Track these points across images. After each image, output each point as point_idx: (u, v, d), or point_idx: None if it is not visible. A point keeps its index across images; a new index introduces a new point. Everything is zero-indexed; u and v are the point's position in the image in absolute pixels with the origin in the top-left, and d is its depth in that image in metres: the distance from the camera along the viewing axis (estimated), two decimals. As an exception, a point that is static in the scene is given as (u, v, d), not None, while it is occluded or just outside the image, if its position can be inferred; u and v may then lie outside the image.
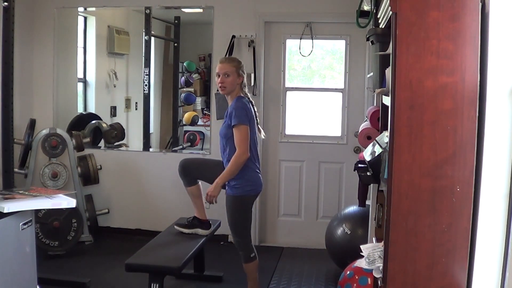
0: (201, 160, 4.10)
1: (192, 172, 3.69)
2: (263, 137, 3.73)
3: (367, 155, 2.60)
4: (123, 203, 5.19)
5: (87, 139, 5.08)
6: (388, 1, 2.06)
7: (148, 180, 5.15)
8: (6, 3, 3.09)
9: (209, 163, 3.79)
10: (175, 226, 3.81)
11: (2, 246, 2.55)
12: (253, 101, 3.58)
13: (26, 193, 2.85)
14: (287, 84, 5.03)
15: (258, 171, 3.53)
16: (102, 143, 5.44)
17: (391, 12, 1.95)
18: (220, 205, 3.58)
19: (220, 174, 3.44)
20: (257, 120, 3.57)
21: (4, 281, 2.57)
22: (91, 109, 5.68)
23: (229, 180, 3.43)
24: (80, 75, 5.55)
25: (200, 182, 3.77)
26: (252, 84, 4.82)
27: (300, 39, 4.90)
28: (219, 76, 3.46)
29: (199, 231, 3.75)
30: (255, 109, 3.57)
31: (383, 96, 2.61)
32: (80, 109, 5.62)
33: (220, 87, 3.48)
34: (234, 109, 3.38)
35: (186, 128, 5.97)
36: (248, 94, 3.58)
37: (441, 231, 1.87)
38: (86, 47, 5.56)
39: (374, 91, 3.05)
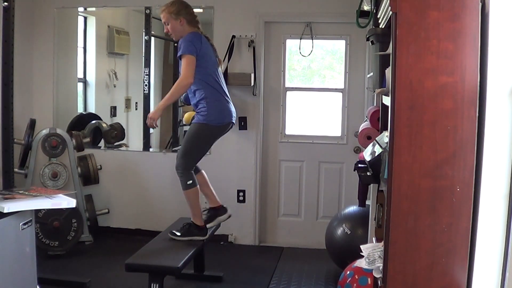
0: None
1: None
2: (222, 70, 3.72)
3: (367, 155, 2.60)
4: (123, 203, 5.19)
5: (87, 139, 5.08)
6: (388, 1, 2.06)
7: (148, 180, 5.15)
8: (6, 3, 3.09)
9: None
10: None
11: (2, 246, 2.55)
12: (208, 37, 3.66)
13: (26, 193, 2.85)
14: (287, 84, 5.03)
15: (227, 101, 3.57)
16: (102, 143, 5.44)
17: (391, 12, 1.95)
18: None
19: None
20: (215, 52, 3.64)
21: (4, 281, 2.57)
22: (91, 109, 5.68)
23: (197, 110, 3.53)
24: (80, 75, 5.54)
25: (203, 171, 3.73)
26: (252, 84, 4.82)
27: (300, 39, 4.90)
28: (164, 24, 3.58)
29: (220, 218, 3.73)
30: (212, 43, 3.66)
31: (383, 96, 2.61)
32: (80, 109, 5.62)
33: (169, 35, 3.60)
34: (182, 40, 3.47)
35: (186, 128, 5.96)
36: (201, 30, 3.63)
37: (441, 231, 1.88)
38: (86, 47, 5.56)
39: (374, 91, 3.05)
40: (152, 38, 5.39)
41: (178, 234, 3.62)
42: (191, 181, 3.53)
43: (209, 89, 3.51)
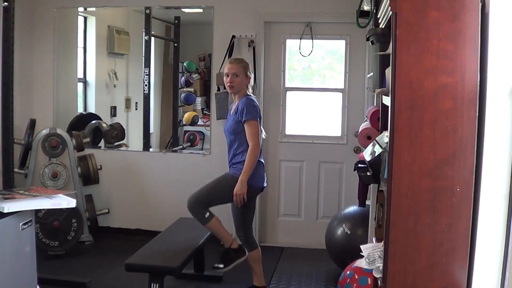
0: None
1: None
2: (264, 137, 3.75)
3: (367, 155, 2.60)
4: (123, 203, 5.19)
5: (87, 139, 5.08)
6: (388, 1, 2.06)
7: (148, 180, 5.15)
8: (6, 3, 3.09)
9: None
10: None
11: (2, 246, 2.55)
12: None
13: (26, 193, 2.85)
14: (287, 84, 5.03)
15: (263, 164, 3.63)
16: (102, 143, 5.44)
17: (391, 12, 1.95)
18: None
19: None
20: (262, 120, 3.68)
21: (4, 281, 2.56)
22: (91, 109, 5.68)
23: (235, 165, 3.52)
24: (80, 75, 5.55)
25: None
26: (252, 84, 4.80)
27: (300, 39, 4.90)
28: (228, 76, 3.59)
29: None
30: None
31: (383, 96, 2.61)
32: (80, 109, 5.62)
33: (228, 86, 3.61)
34: (246, 105, 3.51)
35: (186, 128, 5.97)
36: (253, 94, 3.70)
37: (441, 231, 1.88)
38: (86, 47, 5.56)
39: (374, 91, 3.05)
40: (152, 38, 5.40)
41: (222, 266, 3.57)
42: (207, 213, 3.51)
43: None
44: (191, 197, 3.53)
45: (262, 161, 3.63)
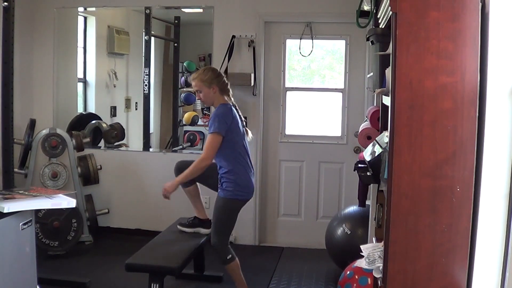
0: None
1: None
2: (250, 138, 3.72)
3: (367, 155, 2.60)
4: (123, 203, 5.19)
5: (87, 139, 5.08)
6: (388, 1, 2.06)
7: (148, 180, 5.15)
8: (6, 3, 3.09)
9: (212, 168, 3.69)
10: (178, 226, 3.83)
11: (2, 246, 2.55)
12: (236, 105, 3.65)
13: (26, 193, 2.85)
14: (287, 84, 5.03)
15: (250, 175, 3.59)
16: (102, 143, 5.44)
17: (391, 12, 1.95)
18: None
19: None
20: (243, 123, 3.63)
21: (4, 281, 2.57)
22: (91, 109, 5.68)
23: (222, 182, 3.52)
24: (80, 75, 5.55)
25: (197, 182, 3.78)
26: (252, 84, 4.82)
27: (300, 39, 4.90)
28: (196, 92, 3.62)
29: (201, 230, 3.78)
30: (240, 113, 3.64)
31: (383, 96, 2.61)
32: (80, 109, 5.62)
33: (201, 101, 3.68)
34: (213, 116, 3.50)
35: (186, 128, 5.97)
36: (232, 98, 3.64)
37: (441, 231, 1.88)
38: (86, 47, 5.56)
39: (374, 91, 3.05)
40: (152, 38, 5.39)
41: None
42: (230, 256, 3.54)
43: (236, 164, 3.51)
44: (212, 237, 3.54)
45: (249, 170, 3.58)
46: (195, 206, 3.81)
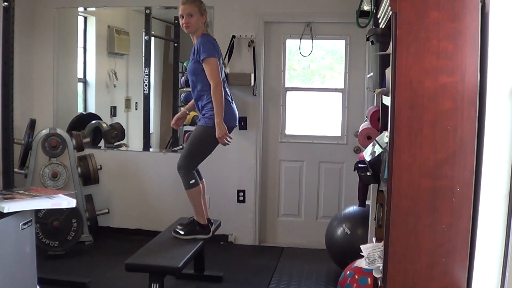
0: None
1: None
2: (227, 71, 3.76)
3: (367, 155, 2.60)
4: (123, 203, 5.19)
5: (87, 139, 5.08)
6: (388, 1, 2.06)
7: (148, 180, 5.15)
8: (6, 3, 3.09)
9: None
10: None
11: (2, 246, 2.55)
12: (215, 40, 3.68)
13: (26, 193, 2.85)
14: (287, 84, 5.03)
15: (231, 103, 3.61)
16: (102, 143, 5.44)
17: (391, 12, 1.95)
18: (220, 204, 3.58)
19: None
20: (222, 57, 3.70)
21: (4, 281, 2.57)
22: (91, 109, 5.68)
23: (204, 112, 3.53)
24: (80, 75, 5.55)
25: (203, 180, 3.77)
26: (252, 84, 4.81)
27: (300, 39, 4.90)
28: (182, 17, 3.57)
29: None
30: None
31: (383, 96, 2.61)
32: (80, 109, 5.62)
33: (184, 27, 3.60)
34: (201, 44, 3.49)
35: (186, 128, 5.97)
36: (210, 33, 3.70)
37: (441, 231, 1.88)
38: (86, 47, 5.56)
39: (374, 91, 3.05)
40: (152, 38, 5.39)
41: (182, 233, 3.65)
42: (193, 180, 3.56)
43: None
44: (179, 161, 3.56)
45: (229, 98, 3.60)
46: (196, 210, 3.69)
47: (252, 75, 4.80)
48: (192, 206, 3.65)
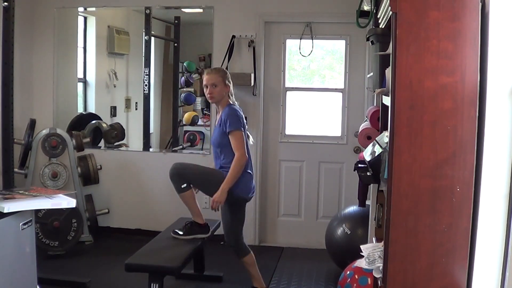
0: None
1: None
2: (251, 143, 3.75)
3: (367, 155, 2.60)
4: (123, 203, 5.19)
5: (87, 139, 5.08)
6: (388, 1, 2.06)
7: (148, 180, 5.15)
8: (6, 3, 3.09)
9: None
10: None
11: (2, 246, 2.55)
12: (241, 109, 3.68)
13: (26, 193, 2.85)
14: (287, 84, 5.03)
15: (251, 175, 3.63)
16: (102, 143, 5.44)
17: (391, 12, 1.95)
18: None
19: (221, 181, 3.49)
20: (246, 127, 3.66)
21: (4, 281, 2.56)
22: (91, 109, 5.68)
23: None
24: (80, 75, 5.55)
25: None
26: (252, 84, 4.81)
27: (300, 39, 4.90)
28: (207, 87, 3.59)
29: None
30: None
31: (383, 96, 2.61)
32: (80, 109, 5.62)
33: (209, 97, 3.62)
34: (228, 116, 3.50)
35: (186, 128, 5.97)
36: (236, 102, 3.68)
37: (441, 231, 1.88)
38: (86, 47, 5.56)
39: (374, 91, 3.05)
40: (152, 38, 5.40)
41: (181, 233, 3.65)
42: (185, 185, 3.55)
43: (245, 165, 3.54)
44: (178, 165, 3.56)
45: (250, 172, 3.62)
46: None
47: (252, 75, 4.80)
48: (188, 208, 3.66)
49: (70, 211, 4.40)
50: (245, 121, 3.62)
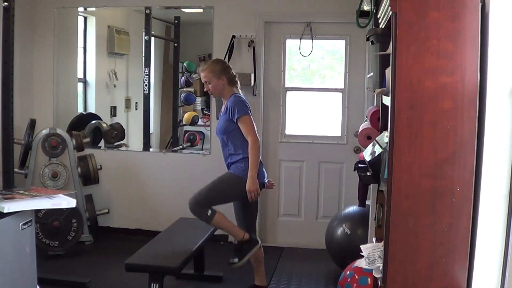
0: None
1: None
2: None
3: (367, 155, 2.60)
4: (123, 203, 5.19)
5: (87, 139, 5.08)
6: (388, 1, 2.06)
7: (148, 180, 5.15)
8: (6, 3, 3.09)
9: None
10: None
11: (2, 246, 2.55)
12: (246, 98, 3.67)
13: (26, 193, 2.85)
14: (287, 84, 5.03)
15: (261, 163, 3.61)
16: (102, 143, 5.44)
17: (391, 12, 1.95)
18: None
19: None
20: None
21: (4, 281, 2.56)
22: (91, 109, 5.68)
23: (238, 163, 3.49)
24: (80, 75, 5.55)
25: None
26: (252, 84, 4.81)
27: (300, 39, 4.90)
28: (205, 83, 3.62)
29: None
30: None
31: (383, 96, 2.61)
32: (80, 109, 5.62)
33: (210, 93, 3.66)
34: (234, 103, 3.49)
35: (186, 128, 5.98)
36: (240, 90, 3.66)
37: (441, 231, 1.88)
38: (86, 47, 5.56)
39: (374, 91, 3.05)
40: (152, 38, 5.40)
41: (236, 260, 3.55)
42: (209, 211, 3.46)
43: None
44: (192, 198, 3.48)
45: (261, 160, 3.61)
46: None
47: (252, 75, 4.80)
48: (225, 231, 3.62)
49: (70, 211, 4.40)
50: (250, 107, 3.61)
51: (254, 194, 3.42)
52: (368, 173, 2.50)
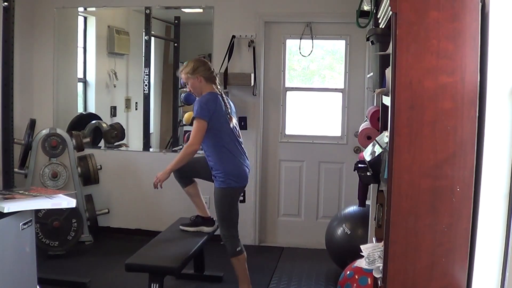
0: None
1: (187, 173, 3.73)
2: (235, 123, 3.64)
3: (367, 155, 2.60)
4: (123, 203, 5.19)
5: (87, 139, 5.08)
6: (388, 1, 2.06)
7: (148, 180, 5.10)
8: (6, 3, 3.09)
9: (200, 161, 3.73)
10: (180, 226, 3.84)
11: (2, 246, 2.55)
12: (223, 93, 3.63)
13: (26, 193, 2.85)
14: (287, 84, 5.03)
15: (241, 162, 3.57)
16: (102, 143, 5.44)
17: (391, 12, 1.95)
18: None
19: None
20: (228, 111, 3.56)
21: (4, 281, 2.56)
22: (91, 109, 5.68)
23: (215, 173, 3.53)
24: (80, 75, 5.55)
25: (196, 181, 3.83)
26: (252, 84, 4.81)
27: (300, 39, 4.90)
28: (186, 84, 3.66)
29: (204, 228, 3.80)
30: (226, 101, 3.59)
31: (383, 96, 2.61)
32: (80, 109, 5.62)
33: (192, 93, 3.71)
34: (197, 103, 3.51)
35: (186, 128, 5.96)
36: (219, 86, 3.64)
37: (441, 231, 1.88)
38: (86, 47, 5.56)
39: (374, 91, 3.05)
40: (152, 38, 5.39)
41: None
42: (239, 248, 3.56)
43: (221, 154, 3.51)
44: (221, 230, 3.58)
45: (239, 157, 3.55)
46: (196, 205, 3.84)
47: (252, 75, 4.80)
48: (236, 274, 3.65)
49: (70, 211, 4.40)
50: (221, 107, 3.50)
51: (157, 182, 3.51)
52: (368, 173, 2.50)
